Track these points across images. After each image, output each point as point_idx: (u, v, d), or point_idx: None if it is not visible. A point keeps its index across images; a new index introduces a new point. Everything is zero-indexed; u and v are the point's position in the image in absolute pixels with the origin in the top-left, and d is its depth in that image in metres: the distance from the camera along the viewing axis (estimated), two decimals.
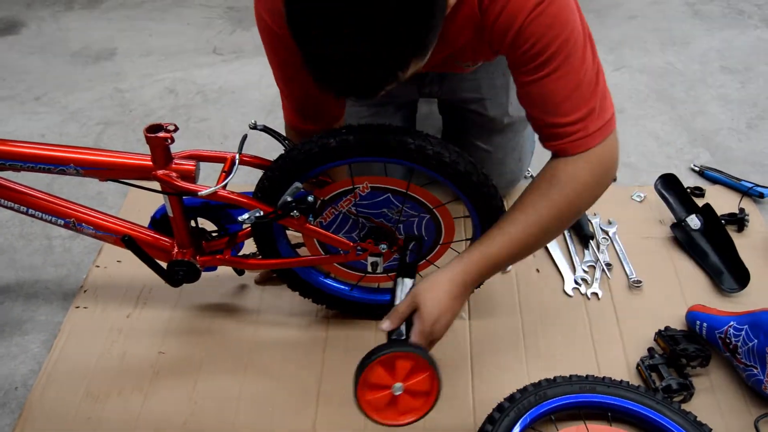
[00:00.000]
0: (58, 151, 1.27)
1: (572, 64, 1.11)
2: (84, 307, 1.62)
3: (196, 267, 1.38)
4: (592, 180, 1.18)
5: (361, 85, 0.95)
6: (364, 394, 1.11)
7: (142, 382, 1.45)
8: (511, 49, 1.12)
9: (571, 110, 1.13)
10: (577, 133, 1.15)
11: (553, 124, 1.15)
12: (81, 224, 1.38)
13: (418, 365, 1.10)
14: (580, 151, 1.16)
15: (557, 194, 1.17)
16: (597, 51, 1.16)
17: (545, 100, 1.14)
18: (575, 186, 1.17)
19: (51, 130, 2.23)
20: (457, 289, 1.19)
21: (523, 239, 1.19)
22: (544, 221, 1.19)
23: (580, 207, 1.21)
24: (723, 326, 1.41)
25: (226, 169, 1.28)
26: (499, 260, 1.20)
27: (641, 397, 1.29)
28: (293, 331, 1.56)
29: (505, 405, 1.29)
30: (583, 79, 1.12)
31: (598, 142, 1.16)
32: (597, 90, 1.14)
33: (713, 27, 2.66)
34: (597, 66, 1.15)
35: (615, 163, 1.21)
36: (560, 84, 1.12)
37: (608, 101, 1.18)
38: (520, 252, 1.22)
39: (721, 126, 2.16)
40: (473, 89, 1.62)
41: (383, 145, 1.21)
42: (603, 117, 1.16)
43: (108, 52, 2.62)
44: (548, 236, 1.24)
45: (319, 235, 1.34)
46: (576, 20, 1.11)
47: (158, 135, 1.21)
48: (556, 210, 1.18)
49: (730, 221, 1.75)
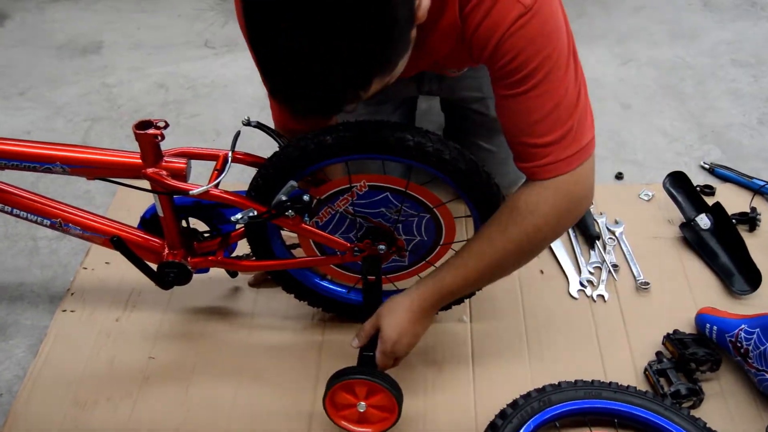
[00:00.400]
0: (43, 149, 1.27)
1: (552, 82, 1.09)
2: (71, 310, 1.62)
3: (188, 269, 1.39)
4: (554, 213, 1.18)
5: (319, 105, 0.94)
6: (335, 413, 1.30)
7: (132, 389, 1.45)
8: (489, 62, 1.11)
9: (546, 131, 1.12)
10: (548, 156, 1.13)
11: (525, 143, 1.14)
12: (68, 224, 1.38)
13: (371, 388, 1.26)
14: (549, 176, 1.15)
15: (516, 228, 1.19)
16: (581, 67, 1.14)
17: (520, 118, 1.13)
18: (535, 220, 1.17)
19: (36, 127, 2.23)
20: (415, 314, 1.29)
21: (479, 272, 1.25)
22: (499, 255, 1.22)
23: (542, 240, 1.22)
24: (734, 329, 1.41)
25: (218, 167, 1.28)
26: (455, 289, 1.27)
27: (649, 403, 1.29)
28: (288, 335, 1.56)
29: (507, 411, 1.29)
30: (562, 99, 1.10)
31: (570, 169, 1.15)
32: (576, 111, 1.12)
33: (724, 19, 2.67)
34: (579, 84, 1.13)
35: (587, 192, 1.20)
36: (538, 102, 1.10)
37: (588, 123, 1.16)
38: (476, 283, 1.29)
39: (732, 121, 2.17)
40: (474, 88, 1.62)
41: (381, 141, 1.21)
42: (579, 142, 1.14)
43: (95, 45, 2.62)
44: (505, 269, 1.28)
45: (315, 235, 1.34)
46: (561, 34, 1.09)
47: (148, 132, 1.21)
48: (514, 245, 1.20)
49: (741, 221, 1.75)
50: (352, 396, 1.28)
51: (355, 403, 1.28)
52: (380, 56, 0.91)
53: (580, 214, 1.22)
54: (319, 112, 0.97)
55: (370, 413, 1.29)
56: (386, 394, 1.26)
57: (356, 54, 0.88)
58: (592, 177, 1.19)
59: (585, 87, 1.15)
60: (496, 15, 1.05)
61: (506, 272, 1.29)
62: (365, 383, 1.26)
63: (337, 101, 0.94)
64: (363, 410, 1.28)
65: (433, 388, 1.44)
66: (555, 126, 1.11)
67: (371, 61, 0.91)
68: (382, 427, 1.30)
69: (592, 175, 1.19)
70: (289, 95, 0.94)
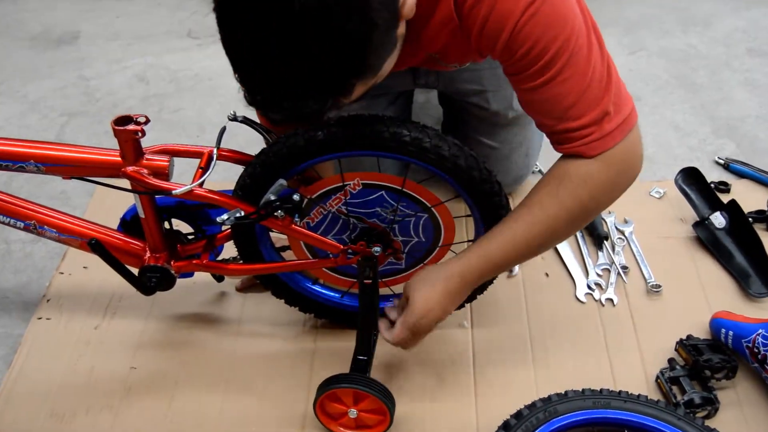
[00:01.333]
0: (16, 146, 1.27)
1: (577, 64, 1.09)
2: (47, 318, 1.62)
3: (171, 273, 1.39)
4: (608, 182, 1.19)
5: (297, 113, 0.95)
6: (329, 422, 1.35)
7: (112, 400, 1.45)
8: (504, 55, 1.11)
9: (583, 113, 1.13)
10: (591, 134, 1.14)
11: (563, 130, 1.15)
12: (43, 227, 1.38)
13: (357, 394, 1.29)
14: (596, 153, 1.16)
15: (568, 195, 1.18)
16: (604, 41, 1.14)
17: (552, 107, 1.14)
18: (589, 188, 1.18)
19: (9, 122, 2.23)
20: (454, 286, 1.25)
21: (528, 240, 1.21)
22: (551, 222, 1.20)
23: (594, 210, 1.22)
24: (751, 334, 1.42)
25: (202, 165, 1.28)
26: (500, 260, 1.23)
27: (661, 413, 1.29)
28: (278, 342, 1.56)
29: (511, 422, 1.29)
30: (592, 78, 1.11)
31: (615, 143, 1.16)
32: (610, 86, 1.13)
33: (739, 5, 2.68)
34: (606, 59, 1.14)
35: (637, 161, 1.22)
36: (566, 87, 1.11)
37: (624, 95, 1.17)
38: (523, 253, 1.24)
39: (747, 114, 2.17)
40: (474, 80, 1.62)
41: (376, 137, 1.22)
42: (621, 114, 1.15)
43: (71, 36, 2.62)
44: (555, 238, 1.25)
45: (306, 237, 1.34)
46: (575, 13, 1.09)
47: (127, 128, 1.21)
48: (566, 211, 1.19)
49: (758, 219, 1.76)
50: (341, 404, 1.31)
51: (346, 410, 1.31)
52: (358, 62, 0.93)
53: (629, 183, 1.23)
54: (298, 119, 0.98)
55: (365, 417, 1.33)
56: (373, 398, 1.28)
57: (332, 60, 0.89)
58: (640, 146, 1.21)
59: (612, 62, 1.15)
60: (502, 7, 1.06)
61: (555, 241, 1.27)
62: (349, 390, 1.29)
63: (316, 109, 0.95)
64: (354, 416, 1.31)
65: (433, 398, 1.44)
66: (591, 106, 1.12)
67: (349, 67, 0.92)
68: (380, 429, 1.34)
69: (639, 144, 1.21)
70: (266, 103, 0.95)
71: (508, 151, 1.74)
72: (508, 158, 1.75)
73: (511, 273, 1.67)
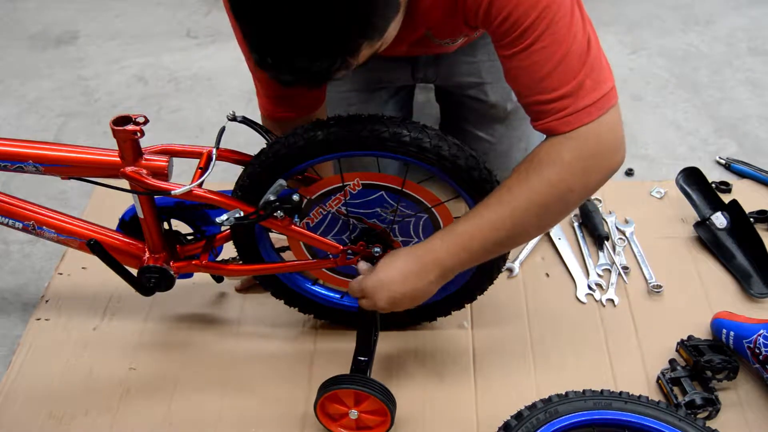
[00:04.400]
0: (15, 146, 1.27)
1: (556, 33, 1.09)
2: (45, 318, 1.62)
3: (170, 274, 1.39)
4: (579, 162, 1.15)
5: (307, 72, 0.97)
6: (329, 423, 1.35)
7: (111, 402, 1.46)
8: (485, 22, 1.12)
9: (557, 85, 1.11)
10: (564, 109, 1.12)
11: (537, 101, 1.14)
12: (41, 227, 1.38)
13: (359, 395, 1.29)
14: (568, 129, 1.13)
15: (536, 177, 1.16)
16: (588, 16, 1.14)
17: (529, 75, 1.13)
18: (557, 168, 1.15)
19: (7, 122, 2.23)
20: (414, 263, 1.22)
21: (498, 225, 1.18)
22: (522, 206, 1.17)
23: (566, 192, 1.17)
24: (752, 335, 1.42)
25: (202, 165, 1.29)
26: (466, 244, 1.20)
27: (662, 414, 1.29)
28: (278, 343, 1.56)
29: (512, 423, 1.29)
30: (570, 49, 1.10)
31: (591, 119, 1.13)
32: (588, 60, 1.12)
33: (740, 4, 2.68)
34: (588, 33, 1.13)
35: (615, 144, 1.17)
36: (543, 55, 1.10)
37: (605, 71, 1.15)
38: (495, 240, 1.20)
39: (749, 113, 2.17)
40: (472, 73, 1.62)
41: (375, 137, 1.22)
42: (598, 90, 1.13)
43: (70, 36, 2.62)
44: (529, 225, 1.21)
45: (306, 237, 1.34)
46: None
47: (126, 128, 1.21)
48: (537, 195, 1.16)
49: (759, 219, 1.76)
50: (341, 405, 1.32)
51: (347, 411, 1.32)
52: (364, 20, 0.95)
53: (609, 168, 1.18)
54: (309, 80, 0.99)
55: (366, 418, 1.33)
56: (374, 399, 1.28)
57: (341, 17, 0.91)
58: (620, 129, 1.17)
59: (595, 33, 1.15)
60: None
61: (529, 231, 1.23)
62: (351, 391, 1.29)
63: (325, 68, 0.96)
64: (355, 417, 1.32)
65: (433, 399, 1.44)
66: (566, 78, 1.11)
67: (356, 25, 0.94)
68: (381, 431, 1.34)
69: (618, 127, 1.17)
70: (277, 63, 0.96)
71: (507, 147, 1.74)
72: (507, 154, 1.75)
73: (512, 273, 1.67)
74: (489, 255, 1.24)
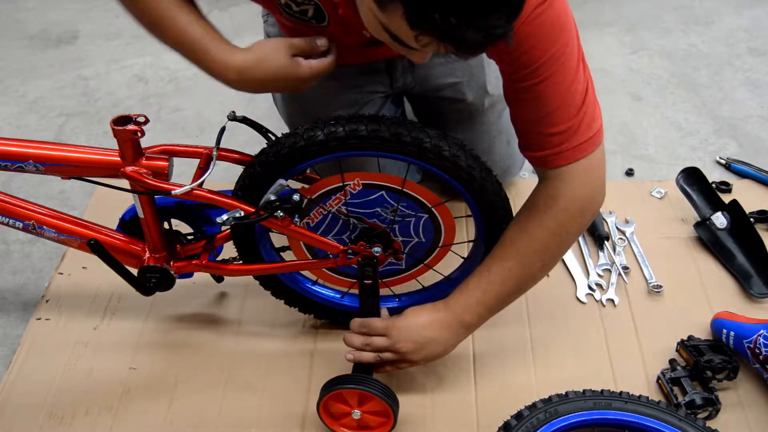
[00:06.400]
0: (15, 146, 1.27)
1: (567, 72, 1.15)
2: (46, 318, 1.62)
3: (170, 273, 1.39)
4: (573, 203, 1.24)
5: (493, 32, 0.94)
6: (331, 423, 1.35)
7: (112, 401, 1.46)
8: (505, 53, 1.14)
9: (561, 120, 1.18)
10: (561, 144, 1.19)
11: (541, 133, 1.20)
12: (42, 227, 1.38)
13: (363, 395, 1.29)
14: (563, 163, 1.20)
15: (536, 227, 1.26)
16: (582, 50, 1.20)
17: (537, 107, 1.18)
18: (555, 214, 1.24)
19: (7, 122, 2.23)
20: (438, 319, 1.32)
21: (506, 278, 1.29)
22: (527, 257, 1.27)
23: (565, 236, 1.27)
24: (752, 335, 1.42)
25: (202, 165, 1.29)
26: (483, 299, 1.30)
27: (662, 414, 1.29)
28: (278, 343, 1.56)
29: (512, 423, 1.29)
30: (576, 89, 1.17)
31: (583, 156, 1.20)
32: (587, 99, 1.19)
33: (741, 4, 2.68)
34: (587, 75, 1.20)
35: (601, 179, 1.26)
36: (555, 92, 1.16)
37: (597, 109, 1.22)
38: (507, 291, 1.31)
39: (749, 114, 2.18)
40: (448, 74, 1.62)
41: (376, 137, 1.22)
42: (592, 127, 1.20)
43: (70, 35, 2.62)
44: (535, 271, 1.31)
45: (306, 237, 1.34)
46: (573, 26, 1.16)
47: (127, 128, 1.21)
48: (537, 243, 1.27)
49: (759, 219, 1.76)
50: (345, 405, 1.32)
51: (350, 411, 1.32)
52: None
53: (599, 205, 1.28)
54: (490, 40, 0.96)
55: (368, 419, 1.33)
56: (378, 400, 1.29)
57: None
58: (604, 165, 1.26)
59: (591, 76, 1.21)
60: None
61: (536, 275, 1.32)
62: (355, 392, 1.29)
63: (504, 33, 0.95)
64: (358, 417, 1.32)
65: (433, 399, 1.44)
66: (569, 115, 1.17)
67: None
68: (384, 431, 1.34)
69: (603, 162, 1.25)
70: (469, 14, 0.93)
71: (489, 143, 1.74)
72: (490, 150, 1.74)
73: None
74: (503, 305, 1.34)
